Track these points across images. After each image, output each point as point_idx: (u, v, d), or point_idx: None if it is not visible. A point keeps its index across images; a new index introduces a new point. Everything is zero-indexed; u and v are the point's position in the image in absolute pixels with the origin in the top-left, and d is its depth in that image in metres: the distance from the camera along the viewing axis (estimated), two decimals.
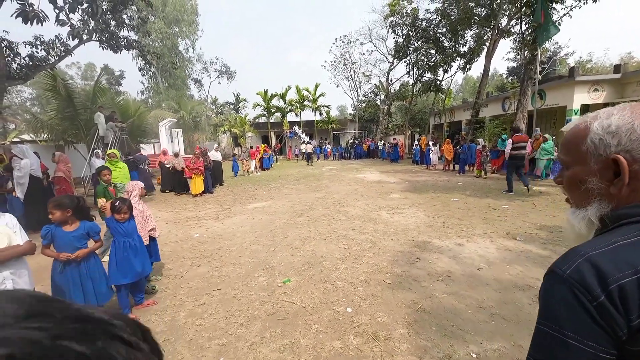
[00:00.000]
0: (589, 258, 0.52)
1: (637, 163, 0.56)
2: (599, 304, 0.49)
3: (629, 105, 0.60)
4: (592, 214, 0.61)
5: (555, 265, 0.56)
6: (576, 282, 0.51)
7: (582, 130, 0.63)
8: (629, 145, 0.56)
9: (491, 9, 15.55)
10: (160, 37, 31.75)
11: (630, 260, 0.50)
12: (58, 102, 11.54)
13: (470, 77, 40.40)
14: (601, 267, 0.50)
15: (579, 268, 0.52)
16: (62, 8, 8.13)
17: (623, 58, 26.46)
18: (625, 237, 0.53)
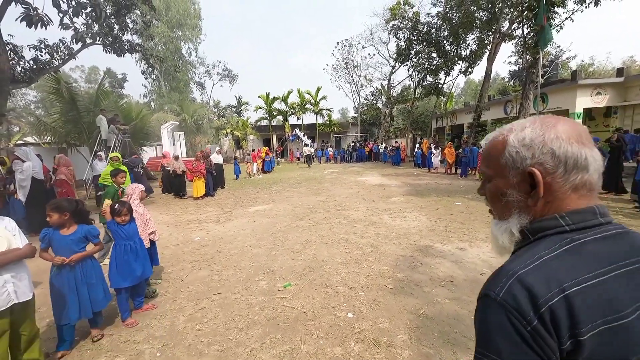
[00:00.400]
0: (520, 278, 0.51)
1: (550, 175, 0.57)
2: (532, 328, 0.48)
3: (539, 118, 0.61)
4: (513, 226, 0.62)
5: (487, 289, 0.54)
6: (510, 306, 0.50)
7: (500, 142, 0.63)
8: (542, 158, 0.57)
9: (493, 13, 15.59)
10: (163, 40, 32.03)
11: (557, 277, 0.51)
12: (62, 105, 11.62)
13: (472, 80, 40.46)
14: (532, 289, 0.50)
15: (511, 290, 0.51)
16: (66, 12, 8.21)
17: (625, 62, 26.42)
18: (548, 250, 0.54)
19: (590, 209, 0.57)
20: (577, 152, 0.56)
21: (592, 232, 0.56)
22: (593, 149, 0.57)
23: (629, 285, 0.52)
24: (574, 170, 0.56)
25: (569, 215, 0.57)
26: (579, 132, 0.57)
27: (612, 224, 0.58)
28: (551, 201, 0.58)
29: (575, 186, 0.57)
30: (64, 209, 2.43)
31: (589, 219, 0.57)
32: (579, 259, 0.53)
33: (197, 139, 27.04)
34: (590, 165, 0.56)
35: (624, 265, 0.53)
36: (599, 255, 0.53)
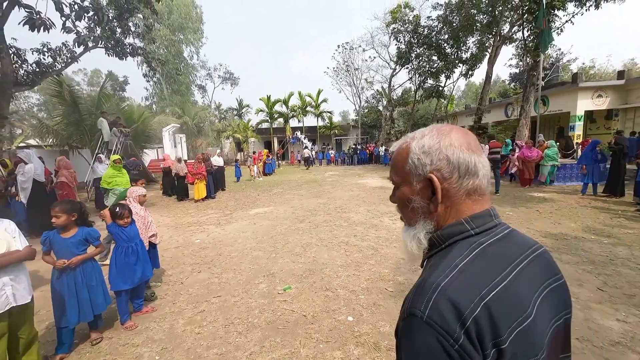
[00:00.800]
0: (443, 290, 0.50)
1: (447, 181, 0.59)
2: (460, 346, 0.47)
3: (436, 127, 0.64)
4: (419, 232, 0.63)
5: (413, 306, 0.52)
6: (438, 325, 0.48)
7: (404, 150, 0.65)
8: (439, 165, 0.59)
9: (493, 16, 15.63)
10: (165, 44, 32.23)
11: (476, 284, 0.51)
12: (64, 108, 11.70)
13: (472, 83, 40.51)
14: (456, 301, 0.49)
15: (437, 306, 0.49)
16: (68, 16, 8.28)
17: (626, 64, 26.43)
18: (462, 257, 0.55)
19: (487, 211, 0.60)
20: (468, 159, 0.58)
21: (492, 233, 0.59)
22: (482, 155, 0.60)
23: (525, 281, 0.55)
24: (467, 176, 0.59)
25: (472, 219, 0.59)
26: (468, 140, 0.60)
27: (502, 224, 0.62)
28: (450, 206, 0.60)
29: (469, 191, 0.59)
30: (73, 210, 2.44)
31: (488, 222, 0.59)
32: (487, 262, 0.54)
33: (198, 141, 27.14)
34: (479, 170, 0.59)
35: (518, 263, 0.56)
36: (500, 256, 0.56)
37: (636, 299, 2.88)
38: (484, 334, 0.48)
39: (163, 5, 28.71)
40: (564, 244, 4.39)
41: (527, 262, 0.58)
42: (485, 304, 0.49)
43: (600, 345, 2.29)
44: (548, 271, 0.61)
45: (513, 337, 0.49)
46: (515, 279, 0.54)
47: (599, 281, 3.26)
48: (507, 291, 0.51)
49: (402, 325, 0.54)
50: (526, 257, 0.58)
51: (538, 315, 0.54)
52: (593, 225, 5.23)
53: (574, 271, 3.52)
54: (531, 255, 0.59)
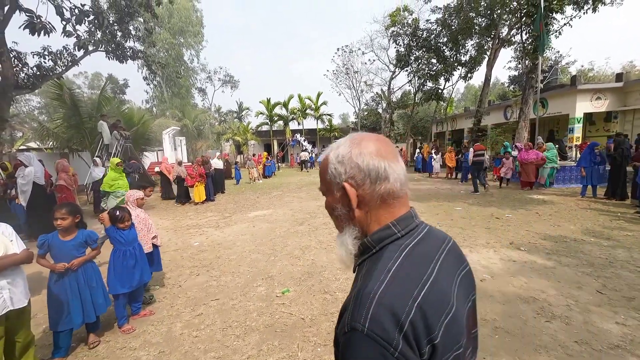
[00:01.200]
0: (380, 299, 0.52)
1: (361, 188, 0.61)
2: (399, 353, 0.49)
3: (350, 136, 0.67)
4: (347, 238, 0.65)
5: (353, 319, 0.52)
6: (379, 337, 0.49)
7: (325, 160, 0.68)
8: (352, 173, 0.62)
9: (491, 19, 15.72)
10: (165, 47, 32.35)
11: (407, 287, 0.53)
12: (64, 111, 11.74)
13: (471, 85, 40.62)
14: (392, 307, 0.51)
15: (376, 317, 0.50)
16: (69, 20, 8.34)
17: (625, 67, 26.49)
18: (392, 261, 0.57)
19: (409, 213, 0.64)
20: (378, 165, 0.61)
21: (415, 234, 0.62)
22: (393, 161, 0.62)
23: (445, 275, 0.59)
24: (378, 181, 0.61)
25: (398, 222, 0.62)
26: (378, 147, 0.63)
27: (422, 223, 0.66)
28: (369, 211, 0.63)
29: (383, 195, 0.62)
30: (77, 212, 2.46)
31: (410, 223, 0.63)
32: (415, 263, 0.57)
33: (198, 144, 27.18)
34: (390, 175, 0.61)
35: (437, 259, 0.60)
36: (425, 255, 0.60)
37: (635, 302, 2.87)
38: (419, 334, 0.50)
39: (163, 9, 28.88)
40: (563, 247, 4.38)
41: (443, 256, 0.62)
42: (418, 304, 0.52)
43: (599, 348, 2.28)
44: (458, 261, 0.67)
45: (443, 330, 0.52)
46: (438, 275, 0.58)
47: (598, 284, 3.25)
48: (434, 288, 0.55)
49: (344, 339, 0.53)
50: (442, 252, 0.63)
51: (458, 302, 0.58)
52: (592, 228, 5.22)
53: (574, 274, 3.51)
54: (445, 248, 0.65)
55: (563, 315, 2.70)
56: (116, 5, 9.39)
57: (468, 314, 0.63)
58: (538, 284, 3.31)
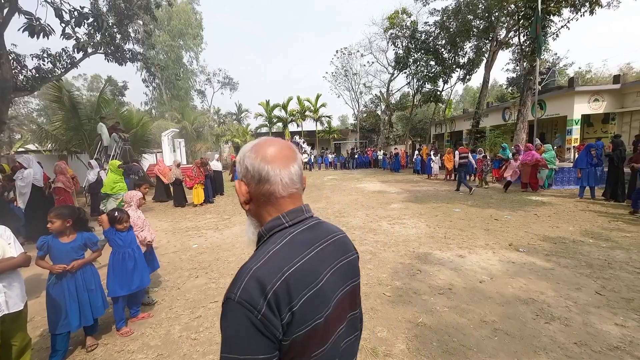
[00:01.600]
0: (253, 273, 0.62)
1: (250, 186, 0.72)
2: (262, 315, 0.58)
3: (257, 140, 0.76)
4: (249, 227, 0.78)
5: (229, 291, 0.62)
6: (246, 302, 0.59)
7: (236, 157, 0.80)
8: (244, 172, 0.73)
9: (489, 22, 15.81)
10: (165, 49, 32.41)
11: (279, 265, 0.63)
12: (63, 113, 11.70)
13: (470, 87, 40.75)
14: (261, 279, 0.60)
15: (246, 287, 0.60)
16: (68, 22, 8.34)
17: (622, 69, 26.66)
18: (274, 245, 0.67)
19: (299, 208, 0.74)
20: (261, 168, 0.70)
21: (302, 225, 0.72)
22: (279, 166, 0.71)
23: (320, 259, 0.70)
24: (261, 183, 0.71)
25: (288, 214, 0.72)
26: (268, 152, 0.71)
27: (313, 217, 0.76)
28: (260, 206, 0.73)
29: (266, 195, 0.71)
30: (67, 215, 2.43)
31: (299, 215, 0.73)
32: (293, 247, 0.67)
33: (197, 146, 27.16)
34: (271, 178, 0.70)
35: (317, 246, 0.71)
36: (304, 241, 0.70)
37: (634, 303, 2.87)
38: (280, 301, 0.59)
39: (163, 12, 28.95)
40: (562, 248, 4.38)
41: (325, 245, 0.73)
42: (285, 278, 0.61)
43: (598, 349, 2.28)
44: (342, 251, 0.77)
45: (303, 301, 0.62)
46: (312, 258, 0.68)
47: (597, 285, 3.26)
48: (303, 268, 0.65)
49: (222, 310, 0.63)
50: (325, 241, 0.74)
51: (327, 283, 0.68)
52: (591, 229, 5.23)
53: (572, 275, 3.52)
54: (330, 239, 0.75)
55: (562, 317, 2.70)
56: (115, 8, 9.41)
57: (344, 296, 0.74)
58: (537, 285, 3.31)
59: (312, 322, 0.63)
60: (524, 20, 11.99)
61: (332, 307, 0.68)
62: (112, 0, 9.55)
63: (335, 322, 0.70)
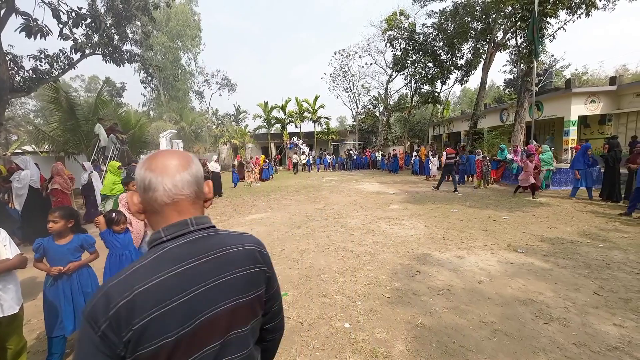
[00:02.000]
0: (107, 290, 0.63)
1: (141, 196, 0.73)
2: (102, 332, 0.59)
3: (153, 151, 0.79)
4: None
5: (84, 308, 0.63)
6: (91, 318, 0.60)
7: None
8: (136, 181, 0.74)
9: (487, 23, 15.90)
10: (163, 50, 32.40)
11: (132, 281, 0.63)
12: (60, 114, 11.66)
13: (468, 89, 40.96)
14: (109, 296, 0.61)
15: (95, 303, 0.62)
16: (65, 23, 8.32)
17: (618, 70, 26.86)
18: (144, 259, 0.67)
19: (184, 221, 0.72)
20: (146, 176, 0.71)
21: (182, 239, 0.71)
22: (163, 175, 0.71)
23: (189, 275, 0.68)
24: (146, 191, 0.71)
25: (168, 228, 0.71)
26: (154, 162, 0.73)
27: (200, 231, 0.74)
28: (150, 216, 0.74)
29: (152, 203, 0.71)
30: (71, 216, 2.42)
31: (181, 229, 0.71)
32: (158, 262, 0.67)
33: (195, 147, 27.10)
34: (153, 186, 0.70)
35: (192, 262, 0.69)
36: (176, 257, 0.68)
37: (632, 303, 2.88)
38: (122, 320, 0.60)
39: (161, 13, 28.95)
40: (560, 248, 4.40)
41: (203, 261, 0.71)
42: (133, 296, 0.61)
43: (597, 350, 2.28)
44: (227, 266, 0.74)
45: (148, 320, 0.61)
46: (177, 275, 0.66)
47: (595, 285, 3.27)
48: (160, 284, 0.64)
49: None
50: (205, 257, 0.71)
51: (192, 301, 0.67)
52: (589, 230, 5.26)
53: (571, 275, 3.52)
54: (213, 255, 0.72)
55: (561, 317, 2.70)
56: (113, 9, 9.40)
57: (223, 313, 0.71)
58: (536, 285, 3.31)
59: (160, 340, 0.62)
60: (521, 22, 12.06)
61: (195, 326, 0.66)
62: (110, 1, 9.53)
63: (200, 341, 0.67)
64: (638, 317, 2.67)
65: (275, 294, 0.88)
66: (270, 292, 0.85)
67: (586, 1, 11.34)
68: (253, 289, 0.77)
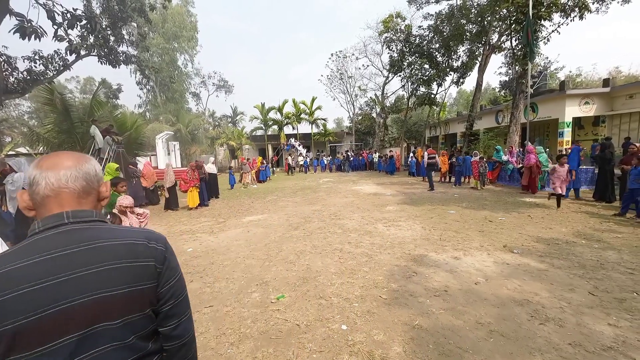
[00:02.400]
0: None
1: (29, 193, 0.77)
2: None
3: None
4: None
5: None
6: None
7: None
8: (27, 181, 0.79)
9: (482, 26, 16.04)
10: (159, 52, 32.27)
11: None
12: (55, 116, 11.55)
13: (463, 90, 41.25)
14: None
15: None
16: (60, 24, 8.27)
17: (611, 72, 27.22)
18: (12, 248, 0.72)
19: (60, 213, 0.75)
20: (32, 174, 0.76)
21: (54, 230, 0.74)
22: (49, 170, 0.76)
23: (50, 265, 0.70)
24: (32, 185, 0.76)
25: (42, 220, 0.75)
26: (39, 162, 0.78)
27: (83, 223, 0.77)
28: (38, 211, 0.77)
29: (36, 197, 0.76)
30: None
31: (55, 221, 0.74)
32: (24, 250, 0.70)
33: (192, 148, 26.99)
34: (39, 180, 0.75)
35: (58, 251, 0.71)
36: (40, 246, 0.71)
37: (627, 303, 2.91)
38: None
39: (157, 14, 28.86)
40: (555, 249, 4.43)
41: (70, 252, 0.72)
42: None
43: (592, 350, 2.29)
44: (94, 259, 0.74)
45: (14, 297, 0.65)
46: (36, 264, 0.69)
47: (590, 286, 3.30)
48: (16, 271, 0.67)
49: None
50: (70, 249, 0.72)
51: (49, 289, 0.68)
52: (583, 230, 5.30)
53: (566, 276, 3.55)
54: (82, 247, 0.74)
55: (556, 318, 2.72)
56: (109, 10, 9.36)
57: (80, 305, 0.70)
58: (531, 286, 3.33)
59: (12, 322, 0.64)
60: (515, 24, 12.19)
61: (43, 316, 0.66)
62: (106, 3, 9.49)
63: (49, 331, 0.67)
64: (632, 317, 2.70)
65: (171, 293, 0.84)
66: (163, 290, 0.81)
67: (579, 4, 11.50)
68: (131, 282, 0.75)
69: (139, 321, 0.78)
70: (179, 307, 0.86)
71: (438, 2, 19.15)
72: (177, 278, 0.87)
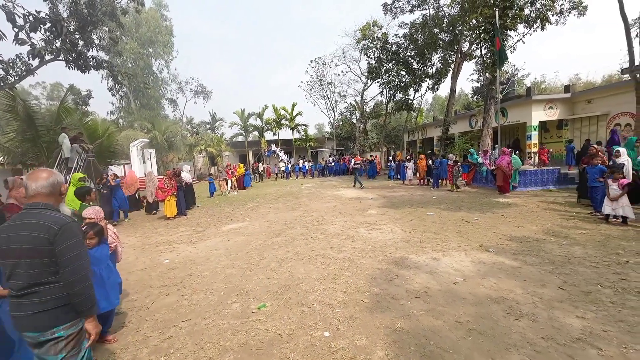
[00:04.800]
0: None
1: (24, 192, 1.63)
2: None
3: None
4: None
5: None
6: None
7: None
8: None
9: (454, 35, 16.80)
10: (133, 57, 31.26)
11: None
12: (18, 124, 10.82)
13: (439, 96, 42.78)
14: None
15: None
16: (22, 27, 7.81)
17: (571, 79, 29.22)
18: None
19: (26, 204, 1.59)
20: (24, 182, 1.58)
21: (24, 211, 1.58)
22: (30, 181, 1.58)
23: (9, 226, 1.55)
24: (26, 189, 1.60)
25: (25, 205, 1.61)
26: (29, 174, 1.62)
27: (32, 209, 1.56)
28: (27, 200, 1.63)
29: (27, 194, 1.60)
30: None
31: (26, 206, 1.58)
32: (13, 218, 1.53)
33: (169, 156, 26.13)
34: (27, 186, 1.56)
35: (14, 221, 1.54)
36: (14, 217, 1.56)
37: (592, 296, 3.08)
38: None
39: (131, 19, 27.97)
40: (527, 247, 4.64)
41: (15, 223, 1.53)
42: None
43: (563, 342, 2.40)
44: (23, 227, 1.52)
45: None
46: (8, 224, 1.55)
47: (559, 280, 3.47)
48: None
49: None
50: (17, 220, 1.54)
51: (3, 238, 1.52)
52: (552, 228, 5.60)
53: (537, 272, 3.72)
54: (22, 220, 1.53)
55: (530, 313, 2.83)
56: (77, 14, 8.95)
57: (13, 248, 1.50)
58: (506, 284, 3.46)
59: None
60: (484, 34, 12.85)
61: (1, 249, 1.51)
62: (74, 6, 9.08)
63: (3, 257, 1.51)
64: (597, 308, 2.86)
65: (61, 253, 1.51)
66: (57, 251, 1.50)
67: (541, 16, 12.34)
68: (33, 243, 1.48)
69: (38, 262, 1.49)
70: (67, 261, 1.52)
71: (412, 12, 19.89)
72: (66, 246, 1.51)
